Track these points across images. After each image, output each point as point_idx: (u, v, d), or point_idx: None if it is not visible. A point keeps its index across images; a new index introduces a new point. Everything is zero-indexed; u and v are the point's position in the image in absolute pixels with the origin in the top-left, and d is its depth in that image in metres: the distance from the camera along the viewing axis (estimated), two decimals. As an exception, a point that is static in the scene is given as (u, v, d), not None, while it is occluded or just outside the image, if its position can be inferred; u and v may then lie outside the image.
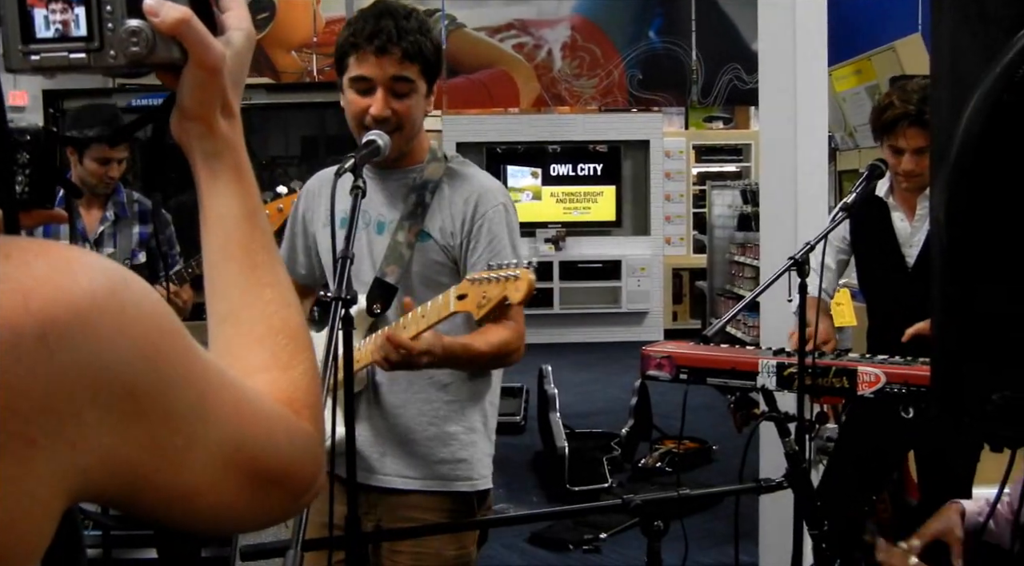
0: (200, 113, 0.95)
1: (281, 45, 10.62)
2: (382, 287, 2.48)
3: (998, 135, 1.08)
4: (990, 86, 1.07)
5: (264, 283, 0.97)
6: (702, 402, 3.83)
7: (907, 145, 3.43)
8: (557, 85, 11.45)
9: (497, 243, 2.49)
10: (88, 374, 0.71)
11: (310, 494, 0.92)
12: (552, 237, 12.14)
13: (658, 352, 3.09)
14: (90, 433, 0.72)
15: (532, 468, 6.85)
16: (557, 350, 10.85)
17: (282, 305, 0.97)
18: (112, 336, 0.73)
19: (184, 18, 0.89)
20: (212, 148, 0.97)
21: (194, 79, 0.93)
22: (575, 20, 11.29)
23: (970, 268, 1.13)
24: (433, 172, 2.54)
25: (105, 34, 0.89)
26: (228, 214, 0.97)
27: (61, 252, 0.75)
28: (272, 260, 0.99)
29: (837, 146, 9.44)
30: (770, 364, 2.94)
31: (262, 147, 7.29)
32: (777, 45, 4.60)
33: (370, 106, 2.38)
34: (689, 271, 12.70)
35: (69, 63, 0.90)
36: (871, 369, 2.82)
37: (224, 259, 0.97)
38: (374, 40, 2.36)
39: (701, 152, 13.09)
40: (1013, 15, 1.08)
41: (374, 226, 2.54)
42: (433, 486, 2.53)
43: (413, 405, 2.53)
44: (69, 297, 0.71)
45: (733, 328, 10.42)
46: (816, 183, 4.53)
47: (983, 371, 1.14)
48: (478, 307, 2.18)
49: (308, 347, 0.97)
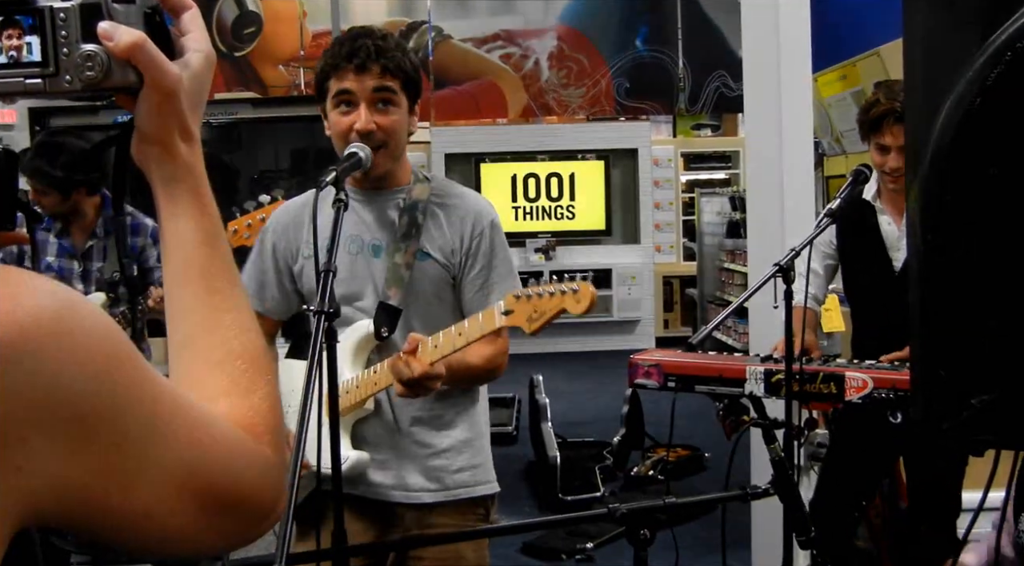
0: (158, 136, 0.95)
1: (268, 59, 10.60)
2: (387, 310, 2.50)
3: (971, 139, 1.08)
4: (962, 91, 1.07)
5: (223, 308, 0.96)
6: (695, 409, 3.83)
7: (893, 142, 3.45)
8: (544, 95, 11.45)
9: (494, 258, 2.58)
10: (35, 397, 0.71)
11: (270, 519, 0.91)
12: (542, 247, 12.14)
13: (646, 360, 3.09)
14: (37, 457, 0.71)
15: (524, 478, 6.84)
16: (549, 359, 10.84)
17: (241, 330, 0.96)
18: (59, 359, 0.72)
19: (137, 42, 0.89)
20: (171, 172, 0.96)
21: (150, 102, 0.93)
22: (561, 30, 11.29)
23: (946, 272, 1.13)
24: (420, 193, 2.58)
25: (60, 59, 0.89)
26: (187, 238, 0.96)
27: (10, 276, 0.74)
28: (232, 285, 0.98)
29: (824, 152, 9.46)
30: (758, 371, 2.94)
31: (252, 161, 7.29)
32: (761, 52, 4.62)
33: (354, 122, 2.41)
34: (680, 279, 12.71)
35: (25, 88, 0.90)
36: (859, 374, 2.82)
37: (183, 284, 0.96)
38: (353, 58, 2.41)
39: (690, 160, 13.11)
40: (984, 22, 1.08)
41: (369, 250, 2.57)
42: (460, 494, 2.61)
43: (426, 421, 2.59)
44: (14, 319, 0.70)
45: (724, 335, 10.43)
46: (802, 189, 4.54)
47: (961, 375, 1.14)
48: (529, 321, 2.22)
49: (268, 372, 0.97)
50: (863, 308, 3.84)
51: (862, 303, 3.85)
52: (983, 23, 1.09)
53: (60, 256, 4.21)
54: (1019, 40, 1.04)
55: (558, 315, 2.21)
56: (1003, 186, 1.07)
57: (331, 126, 2.49)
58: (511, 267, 2.62)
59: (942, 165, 1.09)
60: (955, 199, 1.10)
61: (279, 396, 0.97)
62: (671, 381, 3.03)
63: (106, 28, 0.89)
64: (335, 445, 2.12)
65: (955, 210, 1.11)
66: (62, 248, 4.21)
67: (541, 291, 2.21)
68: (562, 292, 2.19)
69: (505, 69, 11.31)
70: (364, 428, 2.58)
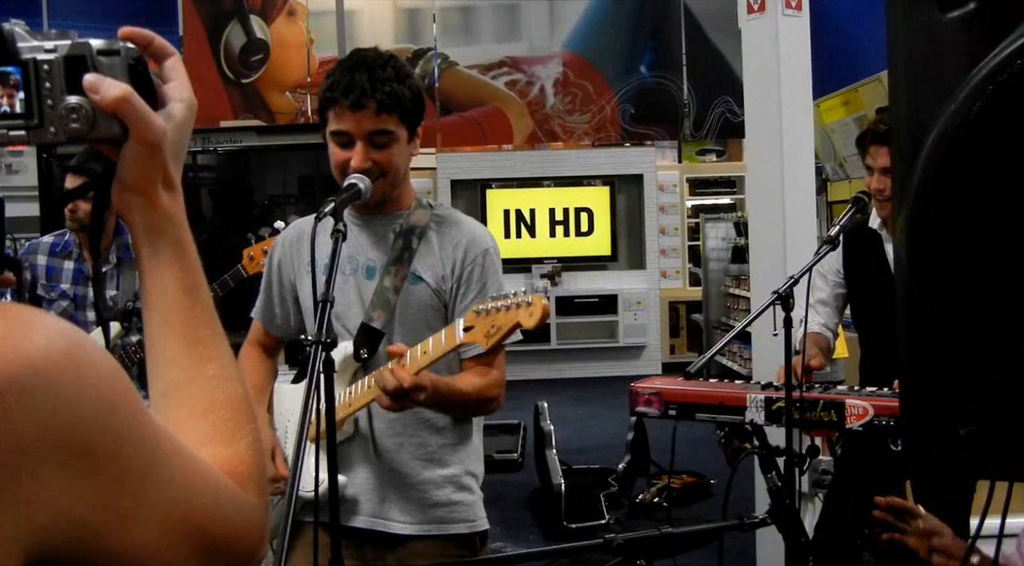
0: (141, 187, 0.95)
1: (275, 86, 10.67)
2: (368, 332, 2.50)
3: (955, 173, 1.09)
4: (945, 125, 1.08)
5: (206, 357, 0.96)
6: (701, 436, 3.82)
7: (873, 163, 3.45)
8: (550, 121, 11.49)
9: (489, 286, 2.54)
10: (45, 431, 0.72)
11: (253, 563, 0.92)
12: (548, 272, 12.15)
13: (647, 388, 3.09)
14: (45, 491, 0.73)
15: (529, 506, 6.81)
16: (554, 386, 10.83)
17: (224, 379, 0.97)
18: (68, 394, 0.74)
19: (124, 96, 0.90)
20: (153, 222, 0.96)
21: (135, 154, 0.93)
22: (566, 56, 11.35)
23: (934, 301, 1.13)
24: (419, 219, 2.57)
25: (44, 111, 0.89)
26: (169, 288, 0.97)
27: (21, 314, 0.76)
28: (214, 333, 0.99)
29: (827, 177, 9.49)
30: (758, 399, 2.94)
31: (261, 186, 7.33)
32: (761, 78, 4.64)
33: (351, 158, 2.41)
34: (685, 304, 12.69)
35: (8, 140, 0.89)
36: (859, 402, 2.82)
37: (165, 334, 0.96)
38: (349, 95, 2.39)
39: (695, 185, 13.13)
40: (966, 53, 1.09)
41: (363, 271, 2.56)
42: (432, 530, 2.54)
43: (407, 449, 2.54)
44: (25, 356, 0.72)
45: (729, 360, 10.41)
46: (804, 215, 4.55)
47: (950, 405, 1.14)
48: (487, 337, 2.19)
49: (251, 420, 0.97)
50: (871, 335, 3.82)
51: (870, 330, 3.83)
52: (966, 55, 1.09)
53: (75, 283, 4.22)
54: (1001, 73, 1.04)
55: (513, 330, 2.18)
56: (987, 219, 1.07)
57: (331, 156, 2.49)
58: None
59: (926, 199, 1.10)
60: (940, 233, 1.10)
61: (262, 443, 0.98)
62: (672, 409, 3.02)
63: (92, 81, 0.89)
64: (332, 476, 2.11)
65: (941, 240, 1.11)
66: (77, 274, 4.23)
67: (499, 305, 2.18)
68: (516, 306, 2.15)
69: (511, 95, 11.36)
70: (347, 451, 2.53)
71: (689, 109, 11.29)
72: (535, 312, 2.13)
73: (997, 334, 1.09)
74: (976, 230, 1.08)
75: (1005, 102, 1.04)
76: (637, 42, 11.32)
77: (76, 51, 0.90)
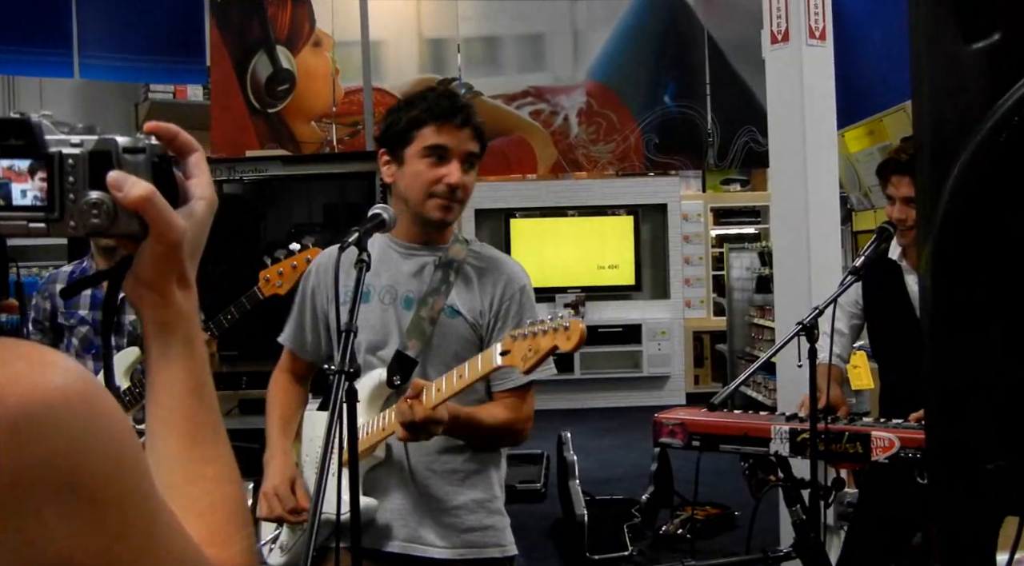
0: (156, 284, 0.95)
1: (301, 116, 10.74)
2: (402, 360, 2.54)
3: (981, 204, 1.08)
4: (971, 156, 1.08)
5: (206, 459, 0.96)
6: (725, 467, 3.79)
7: (895, 193, 3.42)
8: (574, 151, 11.50)
9: (524, 322, 2.53)
10: (54, 469, 0.72)
11: None
12: (572, 302, 12.13)
13: (670, 419, 3.08)
14: (48, 533, 0.72)
15: (552, 536, 6.77)
16: (578, 415, 10.79)
17: (223, 482, 0.96)
18: (81, 436, 0.73)
19: (147, 196, 0.89)
20: (165, 318, 0.96)
21: (153, 253, 0.93)
22: (590, 86, 11.36)
23: (959, 334, 1.12)
24: (456, 253, 2.64)
25: (66, 204, 0.88)
26: (176, 387, 0.96)
27: (43, 355, 0.76)
28: (216, 435, 0.98)
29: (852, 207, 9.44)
30: (783, 430, 2.92)
31: (286, 215, 7.38)
32: (786, 108, 4.64)
33: (444, 175, 2.49)
34: (710, 334, 12.64)
35: (28, 232, 0.89)
36: (885, 434, 2.79)
37: (168, 433, 0.96)
38: (457, 114, 2.50)
39: (719, 214, 13.10)
40: (991, 83, 1.08)
41: (401, 301, 2.61)
42: (468, 554, 2.57)
43: (440, 474, 2.58)
44: (43, 394, 0.72)
45: (754, 391, 10.35)
46: (829, 246, 4.53)
47: (977, 438, 1.13)
48: (523, 360, 2.23)
49: (247, 524, 0.97)
50: (891, 367, 3.79)
51: (890, 362, 3.80)
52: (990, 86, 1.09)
53: (94, 308, 4.24)
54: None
55: (550, 353, 2.22)
56: (1014, 250, 1.06)
57: (415, 175, 2.51)
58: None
59: (952, 229, 1.09)
60: (966, 263, 1.09)
61: (254, 547, 0.98)
62: (695, 440, 3.01)
63: (116, 178, 0.89)
64: (355, 503, 2.11)
65: (966, 271, 1.10)
66: (95, 299, 4.25)
67: (536, 330, 2.22)
68: (554, 329, 2.19)
69: (535, 125, 11.40)
70: (378, 475, 2.58)
71: (713, 138, 11.27)
72: (572, 336, 2.17)
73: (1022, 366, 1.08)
74: (1002, 261, 1.07)
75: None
76: (661, 72, 11.33)
77: (102, 147, 0.89)
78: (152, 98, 11.37)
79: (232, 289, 3.93)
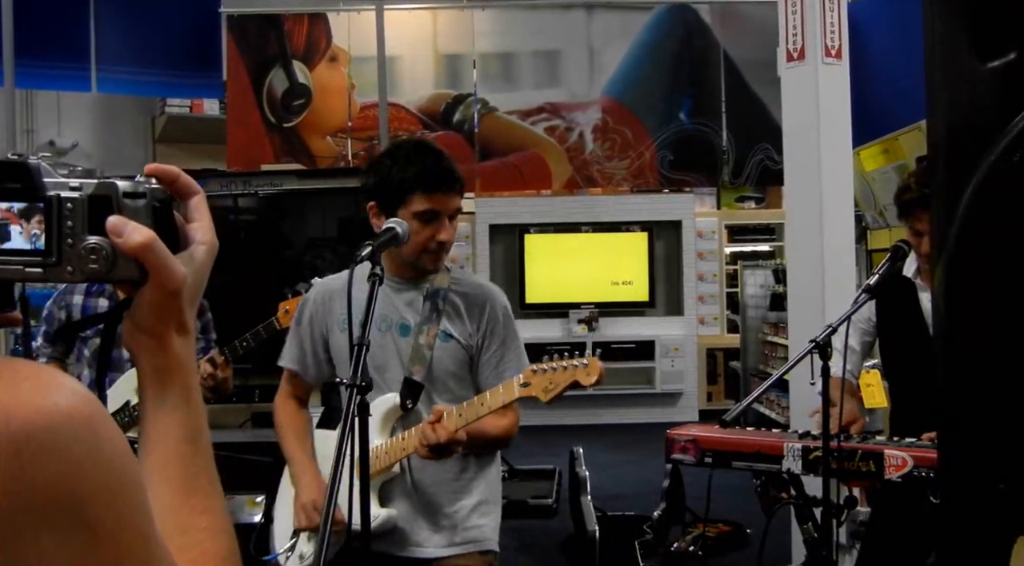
0: (154, 330, 0.93)
1: (317, 130, 10.78)
2: (411, 385, 2.79)
3: (996, 219, 1.08)
4: (985, 174, 1.08)
5: (200, 509, 0.95)
6: (738, 484, 3.77)
7: (924, 228, 3.41)
8: (589, 167, 11.51)
9: (507, 338, 2.89)
10: (54, 494, 0.70)
11: None
12: (585, 318, 12.12)
13: (683, 436, 3.07)
14: (44, 558, 0.70)
15: (563, 551, 6.75)
16: (590, 431, 10.76)
17: (215, 532, 0.95)
18: (83, 461, 0.72)
19: (146, 242, 0.88)
20: (162, 365, 0.94)
21: (152, 299, 0.91)
22: (606, 103, 11.37)
23: (972, 355, 1.12)
24: (441, 281, 2.88)
25: (64, 249, 0.87)
26: (171, 435, 0.95)
27: (53, 378, 0.75)
28: (211, 484, 0.97)
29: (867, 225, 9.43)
30: (795, 447, 2.91)
31: (301, 229, 7.41)
32: (801, 126, 4.63)
33: (436, 234, 2.72)
34: (723, 351, 12.61)
35: (24, 276, 0.88)
36: (898, 453, 2.78)
37: (162, 480, 0.94)
38: (444, 180, 2.72)
39: (733, 232, 13.09)
40: (1006, 102, 1.08)
41: (397, 329, 2.84)
42: (469, 548, 2.84)
43: (445, 484, 2.84)
44: (47, 417, 0.71)
45: (767, 408, 10.31)
46: (844, 264, 4.52)
47: (990, 457, 1.13)
48: (544, 392, 2.50)
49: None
50: (903, 385, 3.77)
51: (902, 380, 3.78)
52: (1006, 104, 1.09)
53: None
54: (1040, 124, 1.04)
55: (571, 386, 2.47)
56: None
57: (409, 233, 2.59)
58: (520, 347, 2.91)
59: (966, 246, 1.09)
60: (979, 280, 1.09)
61: None
62: (708, 457, 3.00)
63: (116, 224, 0.87)
64: (365, 508, 2.21)
65: (979, 291, 1.10)
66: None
67: (556, 366, 2.49)
68: (574, 366, 2.46)
69: (550, 141, 11.41)
70: (391, 489, 2.80)
71: (728, 156, 11.27)
72: (592, 373, 2.45)
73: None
74: (1016, 280, 1.07)
75: (1045, 152, 1.03)
76: (676, 89, 11.34)
77: (102, 191, 0.88)
78: (168, 112, 11.43)
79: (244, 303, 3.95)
